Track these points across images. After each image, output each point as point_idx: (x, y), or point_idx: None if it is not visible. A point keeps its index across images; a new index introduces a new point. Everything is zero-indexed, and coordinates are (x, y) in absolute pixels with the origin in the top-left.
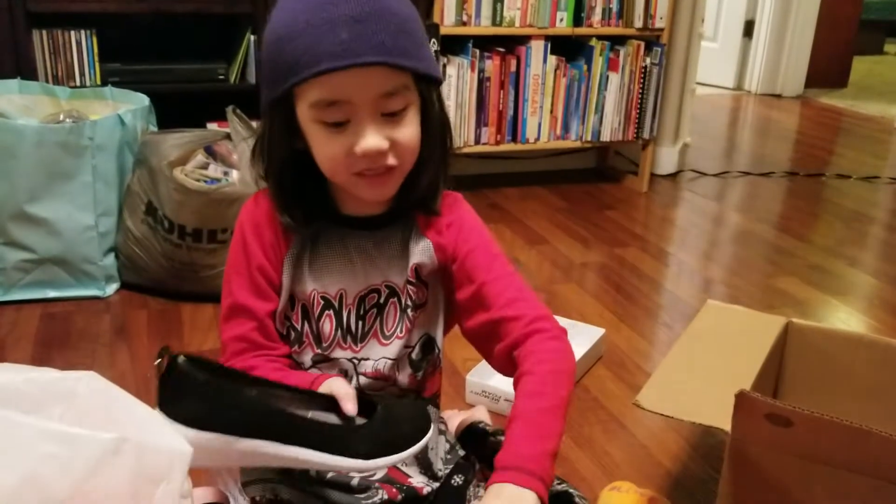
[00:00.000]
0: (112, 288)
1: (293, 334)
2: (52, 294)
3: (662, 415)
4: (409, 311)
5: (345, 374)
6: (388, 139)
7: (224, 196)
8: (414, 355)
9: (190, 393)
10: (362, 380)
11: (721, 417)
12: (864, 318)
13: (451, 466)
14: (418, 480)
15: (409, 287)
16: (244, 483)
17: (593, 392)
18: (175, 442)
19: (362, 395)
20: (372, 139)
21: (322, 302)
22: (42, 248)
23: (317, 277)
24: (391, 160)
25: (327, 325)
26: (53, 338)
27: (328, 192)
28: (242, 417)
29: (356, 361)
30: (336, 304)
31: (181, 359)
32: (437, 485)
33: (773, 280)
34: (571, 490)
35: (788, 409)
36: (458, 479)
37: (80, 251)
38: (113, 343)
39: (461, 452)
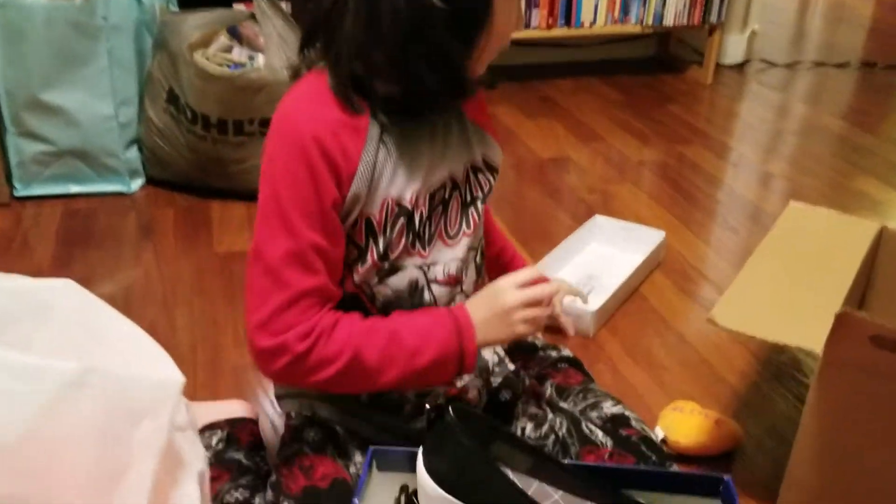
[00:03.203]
0: (137, 183)
1: (354, 253)
2: (74, 189)
3: (742, 333)
4: (472, 205)
5: (415, 284)
6: None
7: (249, 83)
8: (478, 259)
9: (450, 453)
10: (434, 288)
11: (809, 337)
12: None
13: (499, 380)
14: (471, 388)
15: (471, 178)
16: (278, 396)
17: (651, 301)
18: (163, 368)
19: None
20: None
21: (396, 209)
22: (60, 139)
23: (391, 182)
24: None
25: (399, 235)
26: (76, 236)
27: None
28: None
29: (426, 268)
30: (411, 209)
31: (451, 414)
32: (485, 398)
33: (850, 180)
34: (627, 413)
35: None
36: (506, 395)
37: (100, 143)
38: (138, 242)
39: (510, 366)
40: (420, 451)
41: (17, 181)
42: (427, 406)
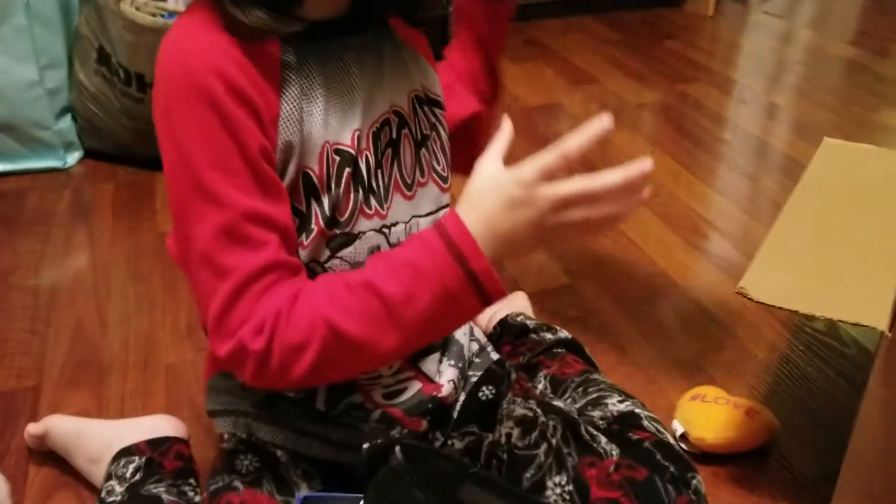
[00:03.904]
0: (74, 157)
1: (295, 222)
2: (2, 168)
3: (783, 308)
4: (423, 146)
5: (375, 251)
6: None
7: None
8: None
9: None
10: None
11: (867, 309)
12: None
13: (479, 373)
14: (448, 381)
15: (418, 111)
16: (210, 413)
17: (660, 264)
18: None
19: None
20: None
21: (338, 158)
22: None
23: (325, 123)
24: None
25: (347, 190)
26: (2, 220)
27: None
28: None
29: (387, 231)
30: (354, 153)
31: (398, 456)
32: (463, 395)
33: (876, 114)
34: (639, 410)
35: None
36: (487, 392)
37: (27, 113)
38: (72, 224)
39: (493, 356)
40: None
41: None
42: (366, 445)
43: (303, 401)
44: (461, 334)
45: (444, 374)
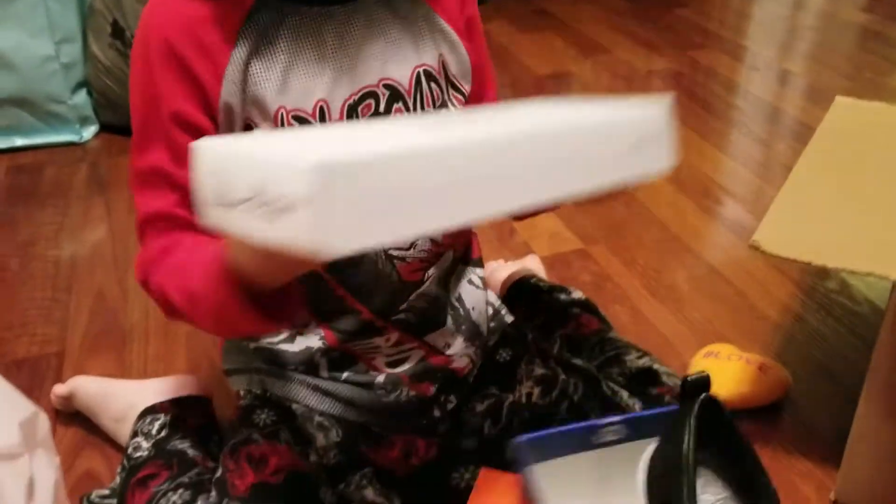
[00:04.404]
0: (90, 131)
1: None
2: (20, 142)
3: (796, 260)
4: None
5: None
6: None
7: None
8: None
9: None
10: None
11: (879, 261)
12: None
13: (495, 337)
14: (460, 355)
15: (423, 86)
16: (226, 372)
17: (672, 228)
18: None
19: None
20: None
21: (296, 124)
22: None
23: (283, 87)
24: None
25: None
26: (21, 194)
27: None
28: None
29: None
30: (317, 124)
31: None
32: (480, 362)
33: (888, 78)
34: (657, 366)
35: None
36: (505, 354)
37: (43, 88)
38: (89, 197)
39: (508, 318)
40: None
41: None
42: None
43: (305, 371)
44: (476, 314)
45: (455, 348)
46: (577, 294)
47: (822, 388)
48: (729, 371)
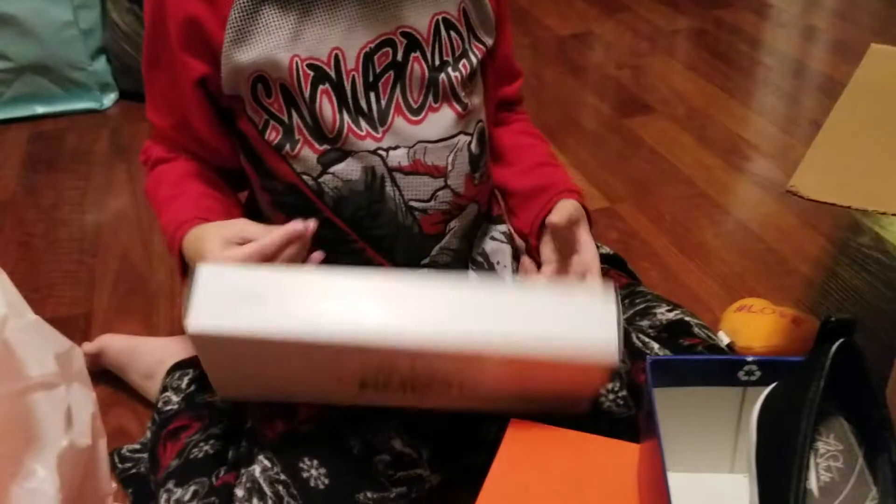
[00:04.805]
0: (110, 98)
1: (279, 131)
2: (41, 110)
3: (835, 204)
4: (442, 72)
5: (370, 173)
6: None
7: None
8: (472, 147)
9: None
10: (399, 179)
11: None
12: None
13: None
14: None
15: (442, 35)
16: None
17: (699, 184)
18: None
19: None
20: None
21: (311, 73)
22: (16, 53)
23: (295, 36)
24: None
25: (328, 108)
26: (44, 160)
27: None
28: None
29: (383, 153)
30: (332, 73)
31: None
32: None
33: None
34: (688, 318)
35: None
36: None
37: (62, 55)
38: (111, 162)
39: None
40: None
41: None
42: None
43: None
44: (501, 268)
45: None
46: (605, 249)
47: (857, 341)
48: (762, 324)
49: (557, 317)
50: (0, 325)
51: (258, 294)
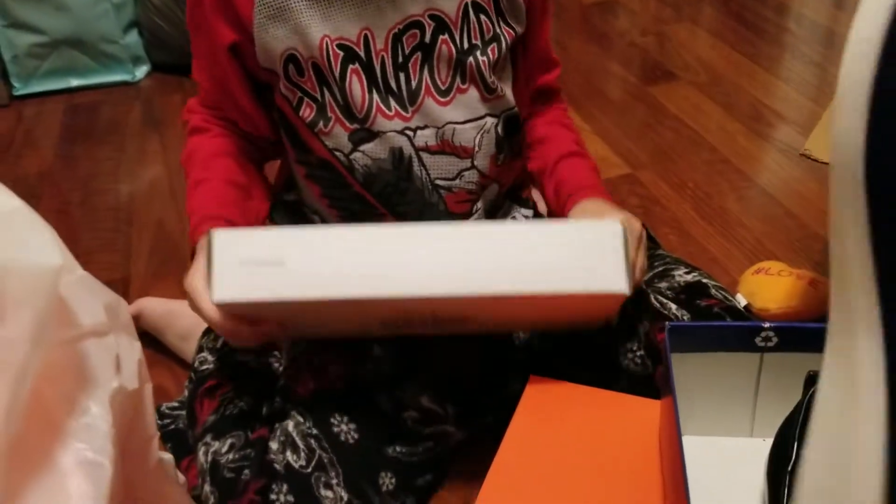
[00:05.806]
0: (142, 71)
1: (313, 108)
2: (75, 83)
3: None
4: (470, 55)
5: (398, 153)
6: None
7: None
8: (499, 129)
9: None
10: (426, 159)
11: None
12: None
13: None
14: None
15: (471, 18)
16: None
17: (722, 151)
18: (37, 248)
19: None
20: None
21: (341, 53)
22: (52, 27)
23: (325, 16)
24: None
25: (357, 87)
26: (79, 131)
27: None
28: None
29: (410, 133)
30: (361, 53)
31: None
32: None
33: None
34: (705, 280)
35: None
36: None
37: (96, 28)
38: (145, 133)
39: None
40: None
41: (15, 78)
42: None
43: None
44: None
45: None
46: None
47: None
48: (779, 286)
49: (570, 252)
50: (55, 276)
51: (276, 257)
